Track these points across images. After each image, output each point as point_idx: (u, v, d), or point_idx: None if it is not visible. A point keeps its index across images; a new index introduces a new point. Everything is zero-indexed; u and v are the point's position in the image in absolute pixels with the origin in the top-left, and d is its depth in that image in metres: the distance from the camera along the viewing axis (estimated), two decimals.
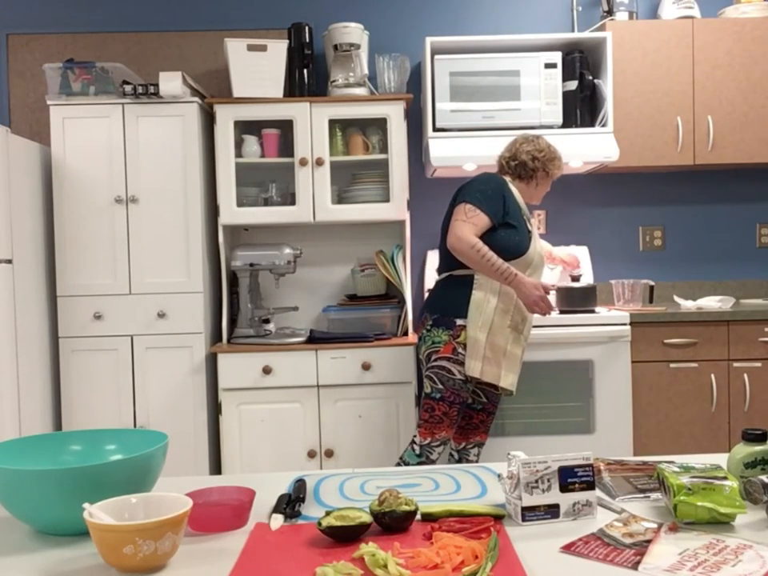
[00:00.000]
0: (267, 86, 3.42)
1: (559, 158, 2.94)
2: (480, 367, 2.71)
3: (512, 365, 2.78)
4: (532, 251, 2.80)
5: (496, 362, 2.73)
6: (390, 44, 3.90)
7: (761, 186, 4.01)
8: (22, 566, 1.13)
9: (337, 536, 1.18)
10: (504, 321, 2.74)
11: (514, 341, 2.77)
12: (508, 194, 2.79)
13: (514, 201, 2.81)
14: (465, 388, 2.76)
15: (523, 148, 2.90)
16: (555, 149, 2.93)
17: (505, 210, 2.75)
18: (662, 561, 1.09)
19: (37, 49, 3.85)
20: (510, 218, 2.76)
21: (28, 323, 3.21)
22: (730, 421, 3.39)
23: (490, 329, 2.71)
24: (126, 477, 1.23)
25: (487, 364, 2.72)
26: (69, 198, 3.36)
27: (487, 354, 2.71)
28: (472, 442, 3.01)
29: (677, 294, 3.96)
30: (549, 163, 2.89)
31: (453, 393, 2.75)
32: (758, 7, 3.68)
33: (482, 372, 2.71)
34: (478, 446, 3.02)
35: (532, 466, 1.26)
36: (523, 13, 3.94)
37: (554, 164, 2.91)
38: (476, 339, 2.71)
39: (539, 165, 2.88)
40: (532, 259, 2.79)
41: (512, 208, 2.78)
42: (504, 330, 2.74)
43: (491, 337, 2.71)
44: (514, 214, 2.77)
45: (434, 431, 2.78)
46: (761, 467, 1.34)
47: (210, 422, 3.41)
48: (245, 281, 3.48)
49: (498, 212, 2.73)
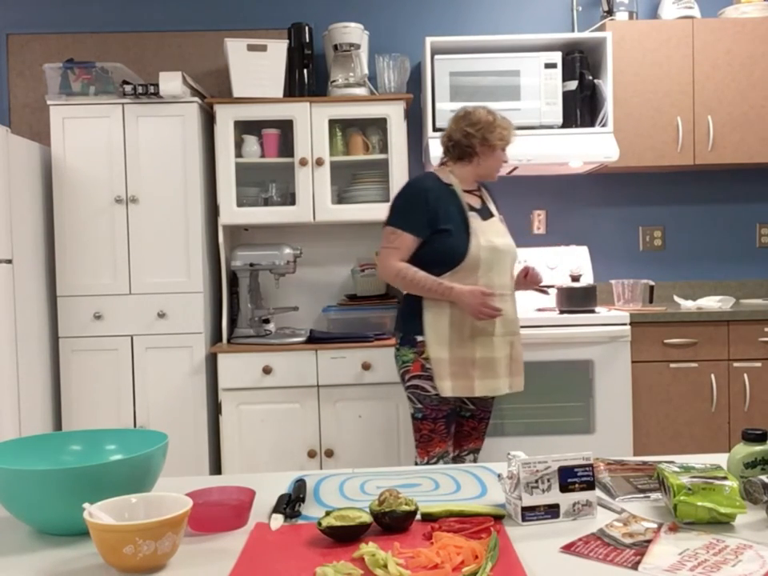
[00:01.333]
0: (267, 86, 3.42)
1: (502, 126, 2.59)
2: (449, 385, 2.55)
3: (488, 370, 2.58)
4: (475, 251, 2.52)
5: (465, 375, 2.55)
6: (390, 44, 3.89)
7: (761, 186, 4.01)
8: (22, 566, 1.13)
9: (337, 536, 1.18)
10: (462, 333, 2.55)
11: (484, 345, 2.56)
12: (432, 196, 2.54)
13: (445, 200, 2.55)
14: (444, 401, 2.60)
15: (456, 126, 2.61)
16: (497, 116, 2.60)
17: (431, 216, 2.52)
18: (662, 561, 1.09)
19: (37, 49, 3.85)
20: (443, 223, 2.53)
21: (28, 323, 3.21)
22: (730, 421, 3.38)
23: (449, 345, 2.55)
24: (126, 477, 1.23)
25: (456, 379, 2.55)
26: (69, 198, 3.36)
27: (454, 370, 2.55)
28: (466, 449, 2.82)
29: (677, 294, 3.96)
30: (488, 134, 2.55)
31: (433, 409, 2.60)
32: (758, 7, 3.68)
33: (453, 389, 2.55)
34: (473, 452, 2.84)
35: (532, 465, 1.26)
36: (523, 13, 3.94)
37: (495, 134, 2.56)
38: (438, 358, 2.55)
39: (476, 140, 2.56)
40: (477, 260, 2.52)
41: (442, 210, 2.53)
42: (465, 342, 2.55)
43: (453, 352, 2.55)
44: (446, 215, 2.53)
45: (428, 449, 2.64)
46: (761, 467, 1.34)
47: (210, 422, 3.41)
48: (245, 281, 3.48)
49: (421, 224, 2.53)
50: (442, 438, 2.64)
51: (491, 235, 2.57)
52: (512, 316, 2.65)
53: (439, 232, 2.53)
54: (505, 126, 2.59)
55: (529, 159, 3.43)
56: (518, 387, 2.70)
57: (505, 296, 2.61)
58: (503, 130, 2.58)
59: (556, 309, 3.50)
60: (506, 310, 2.59)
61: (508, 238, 2.65)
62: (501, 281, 2.60)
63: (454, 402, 2.67)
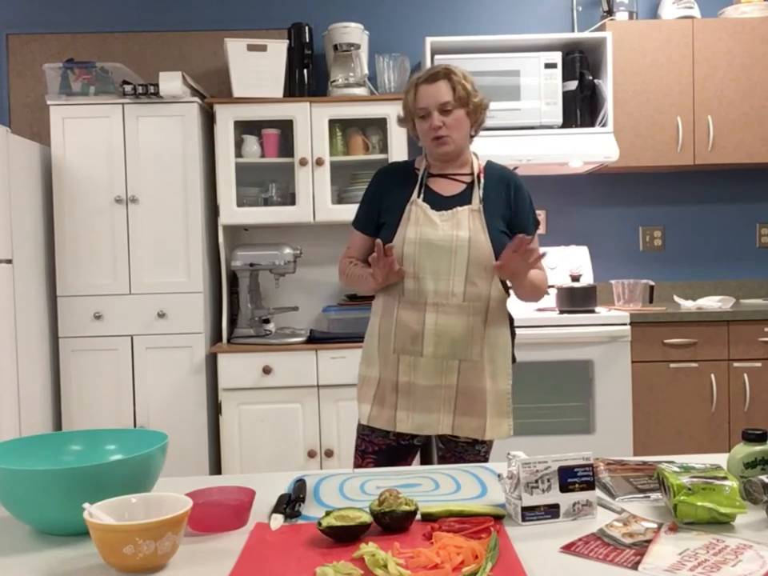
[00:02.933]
0: (267, 86, 3.42)
1: (415, 81, 2.09)
2: (368, 412, 2.06)
3: (415, 401, 2.01)
4: (397, 246, 2.01)
5: (389, 403, 2.03)
6: (390, 44, 3.89)
7: (761, 186, 4.01)
8: (22, 566, 1.13)
9: (337, 536, 1.18)
10: (388, 348, 2.05)
11: (409, 367, 2.01)
12: (379, 187, 2.14)
13: (399, 188, 2.10)
14: (379, 433, 2.08)
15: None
16: (416, 74, 2.13)
17: (373, 208, 2.12)
18: (662, 561, 1.09)
19: (37, 49, 3.85)
20: (384, 215, 2.10)
21: (28, 323, 3.21)
22: (730, 421, 3.38)
23: (378, 362, 2.06)
24: (126, 477, 1.23)
25: (379, 406, 2.05)
26: (69, 198, 3.36)
27: (378, 394, 2.05)
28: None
29: (677, 294, 3.96)
30: (408, 95, 2.09)
31: (363, 440, 2.12)
32: (758, 7, 3.68)
33: (372, 417, 2.05)
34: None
35: (532, 465, 1.26)
36: (523, 13, 3.94)
37: (410, 94, 2.08)
38: (365, 377, 2.10)
39: (408, 109, 2.11)
40: (399, 256, 2.01)
41: (388, 200, 2.10)
42: (389, 360, 2.04)
43: (381, 371, 2.06)
44: (391, 206, 2.08)
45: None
46: (761, 467, 1.34)
47: (210, 422, 3.41)
48: (245, 281, 3.48)
49: (365, 219, 2.14)
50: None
51: (429, 227, 2.01)
52: (458, 334, 1.99)
53: (381, 226, 2.11)
54: (419, 78, 2.08)
55: (529, 159, 3.43)
56: (473, 432, 2.01)
57: (445, 306, 1.99)
58: (416, 85, 2.07)
59: (556, 309, 3.50)
60: (449, 326, 1.99)
61: (465, 232, 2.00)
62: (439, 286, 2.00)
63: (399, 438, 2.08)
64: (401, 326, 2.02)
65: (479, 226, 2.02)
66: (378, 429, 2.06)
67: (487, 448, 2.10)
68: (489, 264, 1.99)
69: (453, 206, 2.05)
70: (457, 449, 2.08)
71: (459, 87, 2.04)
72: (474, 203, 2.05)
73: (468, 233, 2.00)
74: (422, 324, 1.99)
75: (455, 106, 2.03)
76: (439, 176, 2.11)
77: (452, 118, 2.03)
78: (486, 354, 2.02)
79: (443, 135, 2.03)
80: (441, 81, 2.04)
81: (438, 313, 1.99)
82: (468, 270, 1.99)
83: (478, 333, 2.01)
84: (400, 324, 2.02)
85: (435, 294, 2.00)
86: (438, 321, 1.99)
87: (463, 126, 2.07)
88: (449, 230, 2.01)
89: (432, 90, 2.03)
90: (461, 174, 2.11)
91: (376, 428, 2.07)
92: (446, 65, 2.10)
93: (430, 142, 2.06)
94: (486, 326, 2.02)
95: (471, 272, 2.00)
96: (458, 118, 2.04)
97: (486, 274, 2.01)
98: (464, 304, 2.00)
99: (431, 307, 1.99)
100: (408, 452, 2.13)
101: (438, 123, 2.02)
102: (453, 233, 2.00)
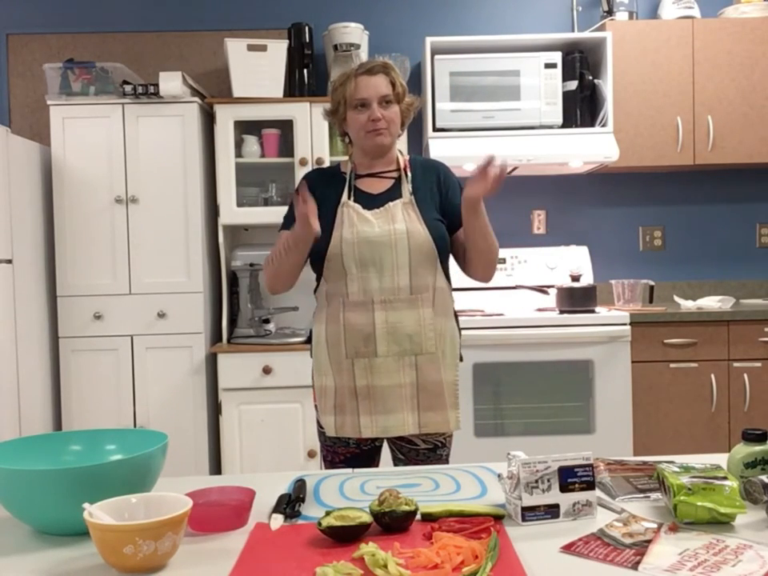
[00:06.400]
0: (267, 86, 3.42)
1: (353, 72, 2.03)
2: (332, 422, 2.00)
3: (376, 403, 1.97)
4: (334, 247, 1.98)
5: (351, 409, 1.98)
6: (390, 44, 3.89)
7: (761, 186, 4.01)
8: (22, 566, 1.13)
9: (337, 536, 1.18)
10: (339, 352, 1.99)
11: (365, 370, 1.97)
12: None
13: (327, 193, 2.05)
14: (343, 443, 2.05)
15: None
16: (352, 67, 2.07)
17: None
18: (662, 561, 1.09)
19: (37, 49, 3.85)
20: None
21: (28, 323, 3.21)
22: (730, 421, 3.38)
23: (331, 369, 2.01)
24: (126, 477, 1.23)
25: (341, 414, 1.99)
26: (69, 198, 3.36)
27: (338, 402, 2.00)
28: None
29: (677, 294, 3.96)
30: (345, 86, 2.02)
31: (329, 451, 2.08)
32: (758, 7, 3.68)
33: (337, 427, 2.00)
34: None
35: (532, 465, 1.26)
36: (523, 13, 3.94)
37: (348, 85, 2.01)
38: (321, 387, 2.03)
39: (341, 101, 2.03)
40: (338, 257, 1.98)
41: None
42: (343, 365, 1.99)
43: (336, 379, 2.00)
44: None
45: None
46: (761, 467, 1.34)
47: (210, 422, 3.41)
48: (245, 281, 3.48)
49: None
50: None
51: (364, 225, 1.98)
52: (410, 328, 1.96)
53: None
54: (356, 70, 2.03)
55: (529, 159, 3.43)
56: (439, 426, 1.99)
57: (393, 302, 1.96)
58: (353, 75, 2.02)
59: (556, 309, 3.50)
60: (400, 322, 1.96)
61: (401, 224, 1.98)
62: (384, 283, 1.97)
63: (360, 443, 2.05)
64: (350, 330, 1.97)
65: (414, 217, 2.00)
66: (339, 438, 2.03)
67: (448, 451, 2.09)
68: (430, 253, 1.99)
69: (384, 202, 2.02)
70: (418, 457, 2.06)
71: (398, 83, 2.04)
72: (404, 196, 2.03)
73: (404, 224, 1.98)
74: (373, 324, 1.96)
75: (392, 101, 2.02)
76: (367, 176, 2.09)
77: (390, 111, 2.02)
78: (438, 345, 2.00)
79: (382, 127, 2.00)
80: (380, 74, 2.03)
81: (386, 310, 1.96)
82: (411, 261, 1.97)
83: (429, 324, 1.98)
84: (349, 328, 1.97)
85: (381, 291, 1.97)
86: (388, 318, 1.96)
87: (397, 122, 2.05)
88: (384, 224, 1.98)
89: (373, 82, 2.01)
90: (387, 171, 2.09)
91: (337, 438, 2.04)
92: (384, 60, 2.09)
93: (365, 134, 2.01)
94: (435, 317, 2.00)
95: (414, 263, 1.98)
96: (395, 112, 2.03)
97: (429, 263, 2.00)
98: (412, 297, 1.97)
99: (379, 305, 1.96)
100: (373, 455, 2.11)
101: (378, 115, 1.99)
102: (389, 227, 1.97)
